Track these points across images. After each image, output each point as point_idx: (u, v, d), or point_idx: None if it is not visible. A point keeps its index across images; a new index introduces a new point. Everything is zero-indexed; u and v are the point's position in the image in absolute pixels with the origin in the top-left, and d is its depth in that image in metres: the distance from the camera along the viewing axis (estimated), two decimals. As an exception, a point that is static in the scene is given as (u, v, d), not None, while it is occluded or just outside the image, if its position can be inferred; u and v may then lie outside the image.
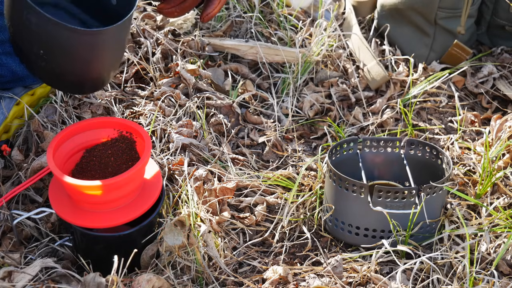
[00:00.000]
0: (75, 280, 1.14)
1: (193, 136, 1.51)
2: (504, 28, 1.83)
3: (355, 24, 1.87)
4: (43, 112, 1.45)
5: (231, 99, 1.64)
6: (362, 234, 1.31)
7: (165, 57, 1.74)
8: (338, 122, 1.68)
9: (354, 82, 1.76)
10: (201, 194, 1.35)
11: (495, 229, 1.31)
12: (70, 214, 1.16)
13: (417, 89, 1.73)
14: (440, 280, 1.22)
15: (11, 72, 1.40)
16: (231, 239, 1.34)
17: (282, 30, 1.85)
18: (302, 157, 1.56)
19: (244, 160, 1.51)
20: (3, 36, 1.36)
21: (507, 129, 1.54)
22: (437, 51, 1.83)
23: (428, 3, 1.77)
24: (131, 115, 1.54)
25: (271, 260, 1.31)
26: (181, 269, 1.21)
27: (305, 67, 1.75)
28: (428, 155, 1.40)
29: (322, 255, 1.32)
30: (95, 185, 1.11)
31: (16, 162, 1.38)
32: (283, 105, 1.69)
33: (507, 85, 1.76)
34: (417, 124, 1.67)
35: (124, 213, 1.16)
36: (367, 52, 1.78)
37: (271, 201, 1.42)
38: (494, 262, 1.23)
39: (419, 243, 1.30)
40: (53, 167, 1.12)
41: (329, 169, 1.32)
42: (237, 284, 1.24)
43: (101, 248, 1.20)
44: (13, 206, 1.31)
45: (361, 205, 1.28)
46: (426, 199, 1.26)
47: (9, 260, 1.18)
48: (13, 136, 1.44)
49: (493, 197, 1.43)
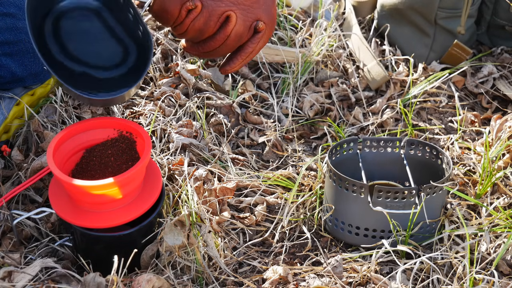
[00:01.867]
0: (75, 280, 1.14)
1: (193, 136, 1.51)
2: (504, 28, 1.83)
3: (355, 24, 1.87)
4: (43, 112, 1.45)
5: (231, 99, 1.64)
6: (362, 234, 1.31)
7: (165, 57, 1.74)
8: (338, 122, 1.68)
9: (354, 82, 1.76)
10: (201, 194, 1.35)
11: (495, 229, 1.31)
12: (70, 214, 1.16)
13: (417, 89, 1.73)
14: (440, 280, 1.22)
15: (11, 73, 1.40)
16: (231, 239, 1.34)
17: (282, 30, 1.85)
18: (302, 157, 1.56)
19: (244, 160, 1.51)
20: (3, 37, 1.36)
21: (507, 129, 1.54)
22: (437, 51, 1.83)
23: (428, 3, 1.77)
24: (131, 115, 1.54)
25: (271, 260, 1.31)
26: (181, 269, 1.21)
27: (305, 67, 1.75)
28: (428, 155, 1.40)
29: (322, 255, 1.32)
30: (95, 185, 1.11)
31: (16, 162, 1.38)
32: (283, 105, 1.68)
33: (507, 85, 1.76)
34: (417, 124, 1.67)
35: (124, 213, 1.16)
36: (367, 52, 1.78)
37: (271, 201, 1.42)
38: (494, 262, 1.23)
39: (419, 243, 1.30)
40: (53, 167, 1.12)
41: (329, 169, 1.32)
42: (237, 284, 1.24)
43: (101, 248, 1.20)
44: (13, 206, 1.31)
45: (361, 205, 1.28)
46: (426, 199, 1.26)
47: (9, 260, 1.18)
48: (13, 136, 1.44)
49: (493, 197, 1.43)
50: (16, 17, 1.36)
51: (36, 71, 1.44)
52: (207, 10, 1.10)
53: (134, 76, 1.13)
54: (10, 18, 1.35)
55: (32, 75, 1.44)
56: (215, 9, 1.10)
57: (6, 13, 1.34)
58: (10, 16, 1.35)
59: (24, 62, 1.41)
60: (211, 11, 1.10)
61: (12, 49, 1.38)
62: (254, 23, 1.14)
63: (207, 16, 1.10)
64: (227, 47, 1.15)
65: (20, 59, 1.40)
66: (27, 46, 1.40)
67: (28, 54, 1.41)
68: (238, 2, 1.11)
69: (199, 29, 1.12)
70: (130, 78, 1.13)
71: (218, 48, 1.15)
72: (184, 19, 1.11)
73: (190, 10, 1.10)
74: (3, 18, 1.34)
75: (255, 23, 1.14)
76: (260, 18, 1.13)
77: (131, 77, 1.13)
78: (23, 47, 1.39)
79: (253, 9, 1.12)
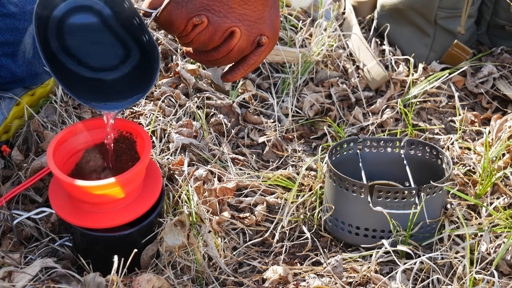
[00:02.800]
0: (75, 280, 1.14)
1: (193, 136, 1.51)
2: (504, 28, 1.83)
3: (355, 24, 1.87)
4: (43, 112, 1.46)
5: (231, 99, 1.64)
6: (362, 234, 1.31)
7: (165, 57, 1.74)
8: (338, 122, 1.68)
9: (354, 82, 1.76)
10: (201, 194, 1.35)
11: (495, 229, 1.31)
12: (70, 214, 1.16)
13: (417, 89, 1.73)
14: (440, 280, 1.22)
15: (11, 73, 1.40)
16: (231, 239, 1.34)
17: (282, 30, 1.85)
18: (302, 157, 1.56)
19: (244, 160, 1.51)
20: (3, 37, 1.36)
21: (507, 129, 1.54)
22: (437, 51, 1.83)
23: (428, 3, 1.77)
24: (131, 115, 1.54)
25: (271, 260, 1.31)
26: (181, 269, 1.21)
27: (305, 67, 1.75)
28: (428, 155, 1.40)
29: (322, 255, 1.32)
30: (95, 186, 1.11)
31: (16, 162, 1.38)
32: (283, 105, 1.69)
33: (507, 85, 1.76)
34: (417, 124, 1.67)
35: (124, 213, 1.16)
36: (367, 52, 1.78)
37: (271, 201, 1.42)
38: (494, 262, 1.23)
39: (419, 243, 1.30)
40: (53, 167, 1.12)
41: (329, 169, 1.32)
42: (237, 284, 1.24)
43: (101, 248, 1.20)
44: (13, 206, 1.31)
45: (361, 205, 1.28)
46: (426, 199, 1.26)
47: (9, 260, 1.18)
48: (13, 136, 1.44)
49: (493, 197, 1.43)
50: (16, 17, 1.36)
51: (36, 71, 1.44)
52: (213, 26, 1.11)
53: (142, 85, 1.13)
54: (10, 18, 1.35)
55: (32, 76, 1.44)
56: (221, 25, 1.11)
57: (6, 14, 1.34)
58: (11, 16, 1.35)
59: (24, 63, 1.41)
60: (216, 26, 1.11)
61: (13, 50, 1.38)
62: (258, 38, 1.15)
63: (213, 31, 1.11)
64: (229, 59, 1.17)
65: (20, 59, 1.40)
66: (27, 47, 1.40)
67: (28, 54, 1.41)
68: (244, 18, 1.12)
69: (204, 42, 1.14)
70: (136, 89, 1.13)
71: (220, 59, 1.17)
72: (190, 32, 1.11)
73: (196, 25, 1.10)
74: (3, 18, 1.34)
75: (258, 38, 1.15)
76: (264, 33, 1.15)
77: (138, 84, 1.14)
78: (23, 47, 1.39)
79: (258, 25, 1.13)
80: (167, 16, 1.11)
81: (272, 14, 1.15)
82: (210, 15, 1.10)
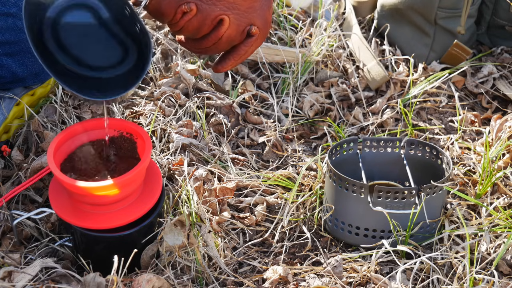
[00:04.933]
0: (75, 280, 1.14)
1: (193, 136, 1.51)
2: (504, 28, 1.83)
3: (355, 24, 1.87)
4: (43, 112, 1.46)
5: (231, 99, 1.64)
6: (362, 234, 1.31)
7: (165, 57, 1.74)
8: (338, 122, 1.68)
9: (354, 82, 1.76)
10: (201, 194, 1.35)
11: (495, 229, 1.31)
12: (70, 214, 1.16)
13: (417, 89, 1.73)
14: (440, 280, 1.22)
15: (11, 73, 1.40)
16: (231, 239, 1.34)
17: (282, 30, 1.85)
18: (302, 157, 1.56)
19: (244, 160, 1.51)
20: (3, 37, 1.36)
21: (507, 129, 1.54)
22: (437, 51, 1.83)
23: (428, 3, 1.77)
24: (131, 115, 1.54)
25: (271, 260, 1.31)
26: (181, 269, 1.21)
27: (305, 67, 1.75)
28: (428, 155, 1.40)
29: (322, 255, 1.32)
30: (95, 187, 1.11)
31: (16, 162, 1.38)
32: (283, 105, 1.69)
33: (507, 85, 1.76)
34: (417, 124, 1.67)
35: (125, 214, 1.16)
36: (367, 52, 1.78)
37: (271, 201, 1.42)
38: (494, 262, 1.23)
39: (419, 243, 1.30)
40: (54, 168, 1.12)
41: (329, 169, 1.32)
42: (237, 284, 1.24)
43: (101, 248, 1.20)
44: (13, 206, 1.31)
45: (361, 205, 1.28)
46: (426, 199, 1.26)
47: (9, 260, 1.18)
48: (13, 136, 1.44)
49: (493, 197, 1.43)
50: (17, 17, 1.36)
51: (36, 71, 1.44)
52: (201, 14, 1.12)
53: (134, 75, 1.13)
54: (10, 18, 1.35)
55: (33, 75, 1.44)
56: (209, 13, 1.13)
57: (6, 13, 1.34)
58: (11, 16, 1.35)
59: (24, 62, 1.41)
60: (205, 14, 1.13)
61: (13, 49, 1.38)
62: (248, 28, 1.16)
63: (201, 19, 1.13)
64: (218, 48, 1.18)
65: (21, 59, 1.40)
66: (28, 46, 1.40)
67: (29, 54, 1.41)
68: (233, 7, 1.13)
69: (193, 30, 1.15)
70: (130, 77, 1.14)
71: (210, 47, 1.18)
72: (179, 20, 1.12)
73: (185, 13, 1.11)
74: (4, 18, 1.34)
75: (248, 28, 1.16)
76: (254, 23, 1.16)
77: (132, 76, 1.14)
78: (24, 47, 1.39)
79: (248, 14, 1.14)
80: (156, 4, 1.12)
81: (264, 5, 1.16)
82: (199, 2, 1.11)
